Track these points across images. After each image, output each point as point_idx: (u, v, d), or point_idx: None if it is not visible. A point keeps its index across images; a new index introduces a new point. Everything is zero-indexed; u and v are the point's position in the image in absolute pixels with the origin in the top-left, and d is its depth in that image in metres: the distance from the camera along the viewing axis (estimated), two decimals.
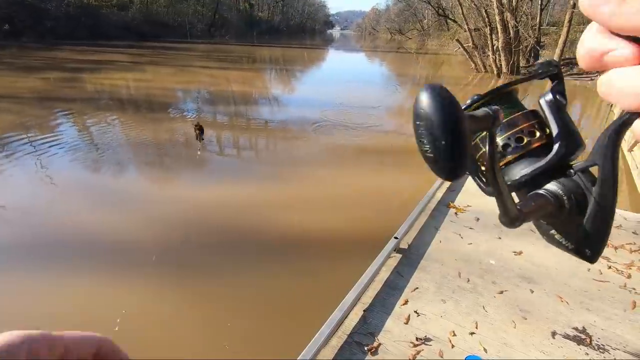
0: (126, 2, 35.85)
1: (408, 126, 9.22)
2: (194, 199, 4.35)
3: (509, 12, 16.86)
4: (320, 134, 7.67)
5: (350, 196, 4.51)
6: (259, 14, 65.00)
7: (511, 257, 2.55)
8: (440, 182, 3.68)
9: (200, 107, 10.47)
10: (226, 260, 3.28)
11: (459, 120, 0.29)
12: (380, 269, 2.32)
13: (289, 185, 4.91)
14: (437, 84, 0.30)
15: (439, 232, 2.83)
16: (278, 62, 26.64)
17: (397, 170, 5.79)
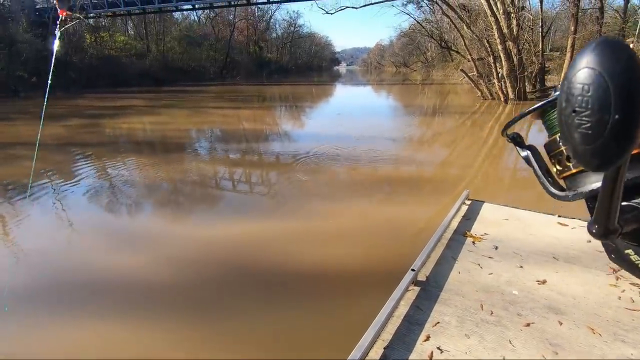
0: (144, 51, 38.24)
1: (417, 156, 9.25)
2: (207, 237, 4.37)
3: (510, 41, 17.29)
4: (331, 167, 7.74)
5: (363, 228, 4.48)
6: (268, 55, 68.17)
7: (535, 287, 2.44)
8: (455, 210, 3.63)
9: (213, 145, 10.79)
10: (238, 299, 3.24)
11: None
12: (399, 303, 2.25)
13: (300, 219, 4.91)
14: (616, 37, 0.22)
15: (457, 263, 2.75)
16: (287, 99, 27.52)
17: (409, 199, 5.76)
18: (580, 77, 0.22)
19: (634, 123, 0.19)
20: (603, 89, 0.20)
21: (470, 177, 7.53)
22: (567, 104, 0.23)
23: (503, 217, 3.58)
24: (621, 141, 0.19)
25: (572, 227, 3.38)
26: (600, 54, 0.21)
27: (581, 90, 0.21)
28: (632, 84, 0.20)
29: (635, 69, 0.21)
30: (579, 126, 0.22)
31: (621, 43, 0.21)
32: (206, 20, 52.36)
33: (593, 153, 0.22)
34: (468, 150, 10.36)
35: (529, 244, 3.06)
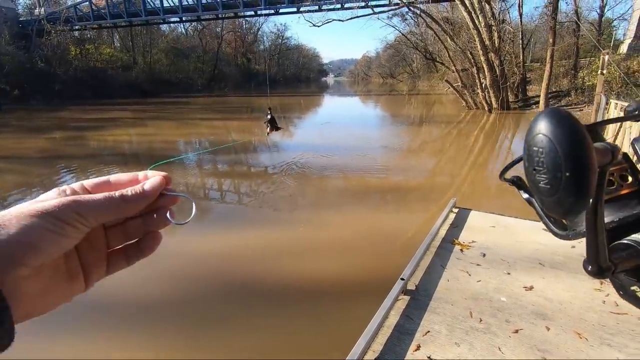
0: (130, 63, 37.97)
1: (405, 164, 9.34)
2: (197, 250, 4.30)
3: (492, 53, 17.79)
4: (319, 176, 7.76)
5: (353, 237, 4.47)
6: (256, 67, 68.40)
7: (522, 293, 2.48)
8: (443, 218, 3.67)
9: (201, 156, 10.70)
10: (230, 311, 3.18)
11: (589, 152, 0.25)
12: (389, 313, 2.25)
13: (289, 230, 4.88)
14: (561, 108, 0.27)
15: (445, 271, 2.77)
16: (275, 110, 27.55)
17: (398, 208, 5.79)
18: (535, 142, 0.26)
19: (583, 180, 0.23)
20: (553, 152, 0.24)
21: (457, 185, 7.63)
22: (529, 164, 0.28)
23: (490, 225, 3.64)
24: (575, 195, 0.24)
25: None
26: (548, 122, 0.26)
27: (537, 153, 0.26)
28: (575, 147, 0.24)
29: (577, 135, 0.25)
30: (539, 182, 0.26)
31: (565, 113, 0.25)
32: (194, 32, 52.44)
33: (555, 204, 0.26)
34: (455, 159, 10.52)
35: (515, 251, 3.10)
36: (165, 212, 0.34)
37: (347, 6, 25.43)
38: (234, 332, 2.94)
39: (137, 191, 0.31)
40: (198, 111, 24.62)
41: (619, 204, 0.34)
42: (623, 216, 0.33)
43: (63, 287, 0.30)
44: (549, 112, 0.27)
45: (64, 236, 0.27)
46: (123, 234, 0.34)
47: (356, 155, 9.84)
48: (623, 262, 0.31)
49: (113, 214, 0.30)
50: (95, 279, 0.33)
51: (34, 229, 0.25)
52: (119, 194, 0.31)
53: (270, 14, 35.63)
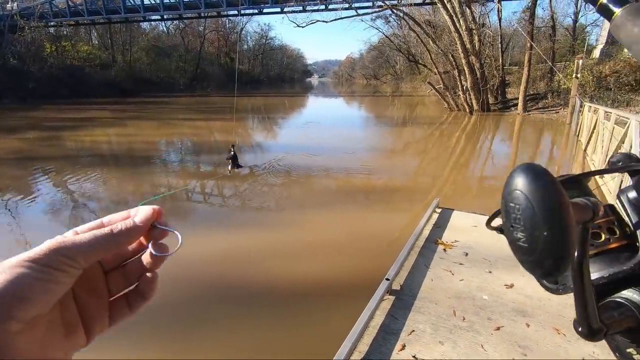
0: (109, 62, 36.97)
1: (389, 165, 9.44)
2: (180, 253, 4.22)
3: (473, 56, 18.20)
4: (304, 177, 7.75)
5: (338, 238, 4.48)
6: (240, 67, 67.84)
7: (503, 291, 2.54)
8: (426, 218, 3.72)
9: (184, 157, 10.52)
10: (217, 314, 3.13)
11: (566, 210, 0.24)
12: (375, 313, 2.26)
13: (274, 232, 4.85)
14: (536, 164, 0.26)
15: (429, 271, 2.81)
16: (260, 110, 27.40)
17: (382, 208, 5.84)
18: (512, 198, 0.26)
19: (561, 240, 0.23)
20: (530, 209, 0.24)
21: (440, 185, 7.77)
22: (507, 220, 0.27)
23: (472, 224, 3.71)
24: (554, 256, 0.23)
25: None
26: (524, 179, 0.25)
27: (514, 209, 0.25)
28: (552, 206, 0.24)
29: (554, 193, 0.24)
30: (518, 240, 0.25)
31: (540, 170, 0.25)
32: (175, 31, 51.55)
33: (534, 265, 0.25)
34: (437, 160, 10.70)
35: (497, 250, 3.17)
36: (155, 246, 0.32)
37: (331, 7, 25.53)
38: (220, 334, 2.90)
39: (127, 224, 0.30)
40: (180, 111, 24.21)
41: (608, 258, 0.33)
42: (613, 272, 0.31)
43: (61, 341, 0.28)
44: (525, 168, 0.27)
45: (53, 283, 0.25)
46: (124, 277, 0.32)
47: (341, 155, 9.88)
48: (616, 322, 0.30)
49: (104, 251, 0.29)
50: (97, 331, 0.30)
51: (21, 279, 0.24)
52: (109, 228, 0.30)
53: (254, 13, 35.42)
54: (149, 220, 0.31)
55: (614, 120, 5.91)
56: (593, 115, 8.44)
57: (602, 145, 6.37)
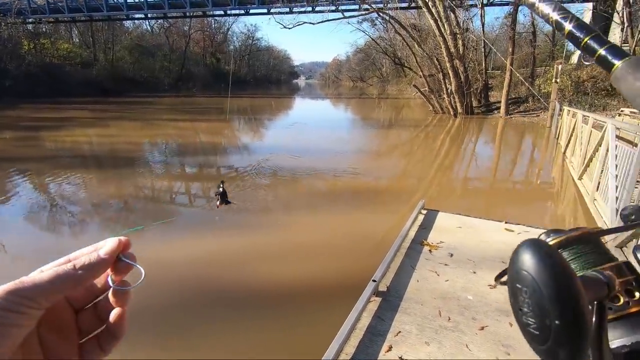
0: (90, 60, 36.09)
1: (376, 166, 9.50)
2: (162, 257, 4.14)
3: (457, 60, 18.54)
4: (291, 179, 7.73)
5: (325, 240, 4.48)
6: (226, 67, 67.27)
7: (487, 291, 2.58)
8: (412, 219, 3.76)
9: (168, 158, 10.34)
10: (202, 319, 3.08)
11: (577, 294, 0.22)
12: (361, 315, 2.26)
13: (260, 234, 4.81)
14: (543, 241, 0.24)
15: (415, 272, 2.83)
16: (246, 111, 27.23)
17: (369, 210, 5.86)
18: (518, 278, 0.23)
19: (575, 330, 0.21)
20: (538, 294, 0.22)
21: (425, 186, 7.86)
22: (515, 302, 0.25)
23: (457, 226, 3.77)
24: (568, 346, 0.21)
25: (518, 232, 3.63)
26: (531, 258, 0.22)
27: (521, 292, 0.23)
28: (562, 292, 0.22)
29: (563, 276, 0.22)
30: (527, 325, 0.23)
31: (547, 249, 0.22)
32: (160, 30, 50.77)
33: (547, 354, 0.23)
34: (423, 161, 10.84)
35: (480, 250, 3.23)
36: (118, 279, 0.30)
37: (317, 9, 25.60)
38: (205, 338, 2.85)
39: (91, 257, 0.28)
40: (164, 112, 23.83)
41: (629, 323, 0.30)
42: (636, 340, 0.28)
43: None
44: (530, 245, 0.24)
45: (12, 326, 0.23)
46: (96, 316, 0.30)
47: (328, 157, 9.90)
48: None
49: (67, 287, 0.27)
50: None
51: None
52: (72, 263, 0.28)
53: (240, 14, 35.20)
54: (114, 252, 0.30)
55: (592, 124, 6.11)
56: (572, 118, 8.71)
57: (581, 148, 6.57)
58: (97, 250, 0.29)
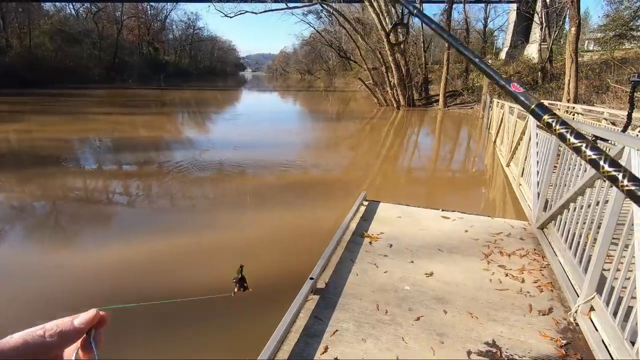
0: (3, 46, 31.80)
1: (322, 159, 9.46)
2: (97, 262, 3.70)
3: (399, 53, 19.12)
4: (234, 173, 7.41)
5: (266, 237, 4.31)
6: (165, 58, 63.23)
7: (424, 280, 2.60)
8: (353, 212, 3.73)
9: (102, 156, 9.41)
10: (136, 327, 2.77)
11: None
12: (297, 315, 2.15)
13: (198, 235, 4.50)
14: None
15: (355, 265, 2.79)
16: (190, 104, 25.82)
17: (314, 204, 5.78)
18: None
19: None
20: None
21: (372, 177, 7.99)
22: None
23: (397, 215, 3.81)
24: None
25: (453, 219, 3.76)
26: None
27: None
28: None
29: None
30: None
31: None
32: (87, 15, 46.13)
33: None
34: (369, 153, 11.04)
35: (419, 239, 3.28)
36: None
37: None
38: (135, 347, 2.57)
39: (61, 325, 0.27)
40: (96, 104, 21.76)
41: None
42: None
43: None
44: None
45: None
46: None
47: (275, 150, 9.67)
48: None
49: (34, 354, 0.25)
50: None
51: None
52: (42, 331, 0.26)
53: (178, 0, 33.09)
54: (89, 324, 0.28)
55: (516, 115, 6.58)
56: (500, 110, 9.37)
57: (508, 137, 7.07)
58: (73, 318, 0.28)
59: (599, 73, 18.57)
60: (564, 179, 3.07)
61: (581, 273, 2.33)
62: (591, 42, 25.39)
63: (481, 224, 3.63)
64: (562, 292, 2.47)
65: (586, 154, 0.49)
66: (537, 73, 20.96)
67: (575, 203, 2.72)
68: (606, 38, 21.03)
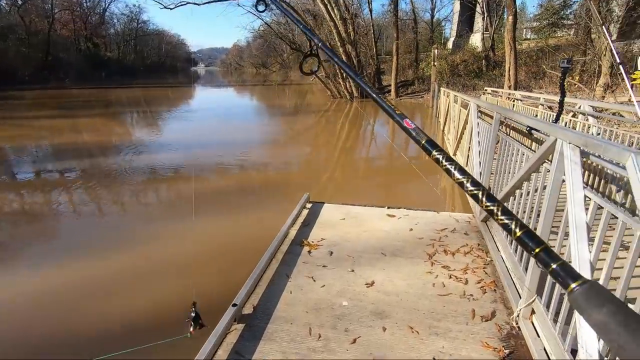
0: None
1: (273, 158, 9.07)
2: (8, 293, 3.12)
3: (349, 45, 19.03)
4: (178, 178, 6.86)
5: (197, 254, 3.88)
6: (108, 54, 58.91)
7: (364, 292, 2.39)
8: (293, 217, 3.45)
9: (38, 165, 8.34)
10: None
11: None
12: (214, 354, 1.84)
13: (120, 253, 3.99)
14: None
15: (290, 281, 2.51)
16: (139, 103, 24.16)
17: (257, 210, 5.40)
18: None
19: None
20: None
21: (322, 174, 7.76)
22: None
23: (340, 217, 3.58)
24: None
25: (399, 217, 3.59)
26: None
27: None
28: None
29: None
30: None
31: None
32: (10, 8, 41.54)
33: None
34: (322, 148, 10.83)
35: (362, 243, 3.07)
36: None
37: None
38: None
39: None
40: (28, 107, 19.70)
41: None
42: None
43: None
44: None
45: None
46: None
47: (225, 149, 9.15)
48: None
49: None
50: None
51: None
52: None
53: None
54: None
55: (460, 103, 6.62)
56: (446, 99, 9.50)
57: (454, 126, 7.13)
58: None
59: (536, 60, 19.69)
60: (503, 167, 3.00)
61: (522, 271, 2.22)
62: (528, 30, 26.91)
63: (426, 220, 3.50)
64: (504, 292, 2.36)
65: (468, 189, 0.52)
66: (481, 61, 21.83)
67: (514, 195, 2.63)
68: (541, 27, 22.33)
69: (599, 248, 1.43)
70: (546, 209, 1.90)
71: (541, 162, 2.05)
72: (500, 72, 19.29)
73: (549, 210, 1.90)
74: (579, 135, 1.46)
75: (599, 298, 0.39)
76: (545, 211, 1.91)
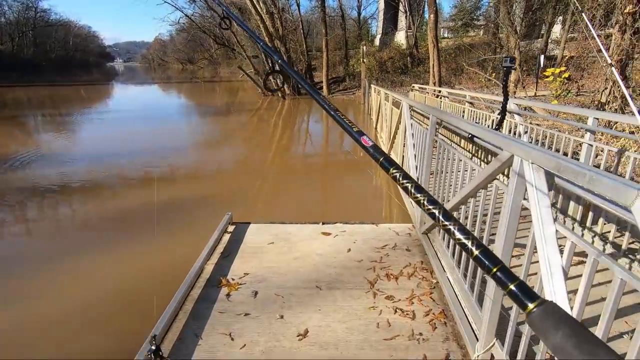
0: None
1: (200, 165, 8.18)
2: None
3: (278, 40, 18.40)
4: (84, 200, 5.75)
5: (105, 300, 3.11)
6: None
7: (295, 348, 1.91)
8: (211, 247, 2.85)
9: None
10: None
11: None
12: None
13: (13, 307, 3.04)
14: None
15: (201, 342, 1.94)
16: (45, 105, 20.83)
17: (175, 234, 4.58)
18: None
19: None
20: None
21: (266, 170, 7.14)
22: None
23: (269, 241, 3.06)
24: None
25: (335, 234, 3.18)
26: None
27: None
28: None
29: None
30: None
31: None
32: None
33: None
34: (261, 147, 10.17)
35: (292, 273, 2.59)
36: None
37: None
38: None
39: None
40: None
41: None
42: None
43: None
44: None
45: None
46: None
47: (142, 160, 8.02)
48: None
49: None
50: None
51: None
52: None
53: None
54: None
55: (392, 102, 6.49)
56: (377, 96, 9.45)
57: (386, 125, 7.01)
58: None
59: (455, 57, 21.00)
60: (443, 167, 2.74)
61: (475, 305, 1.93)
62: (445, 30, 28.75)
63: (365, 236, 3.14)
64: (455, 325, 2.06)
65: (425, 206, 0.52)
66: (407, 58, 22.71)
67: (459, 210, 2.36)
68: (456, 26, 23.93)
69: (586, 298, 1.12)
70: (505, 232, 1.59)
71: (492, 180, 1.75)
72: (425, 69, 20.22)
73: (509, 232, 1.59)
74: (547, 155, 1.14)
75: (554, 319, 0.39)
76: (504, 234, 1.59)
